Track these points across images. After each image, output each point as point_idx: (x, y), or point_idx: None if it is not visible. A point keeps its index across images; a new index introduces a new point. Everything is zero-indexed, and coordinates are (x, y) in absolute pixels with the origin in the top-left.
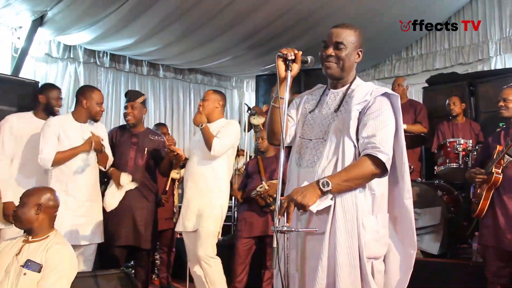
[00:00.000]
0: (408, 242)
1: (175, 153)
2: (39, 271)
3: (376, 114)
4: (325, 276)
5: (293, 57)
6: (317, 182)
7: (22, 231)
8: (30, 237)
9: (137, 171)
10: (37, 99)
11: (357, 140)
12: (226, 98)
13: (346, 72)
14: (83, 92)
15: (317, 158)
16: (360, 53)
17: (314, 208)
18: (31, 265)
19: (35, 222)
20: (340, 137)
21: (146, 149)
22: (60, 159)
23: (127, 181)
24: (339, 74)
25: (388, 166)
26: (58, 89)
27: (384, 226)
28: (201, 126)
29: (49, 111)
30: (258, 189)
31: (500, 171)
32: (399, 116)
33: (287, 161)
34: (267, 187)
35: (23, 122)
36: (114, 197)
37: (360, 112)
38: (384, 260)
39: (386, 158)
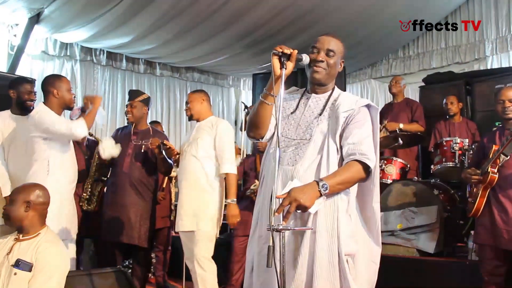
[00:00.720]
0: (374, 240)
1: (167, 146)
2: (30, 270)
3: (361, 123)
4: (304, 272)
5: (288, 55)
6: (317, 184)
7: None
8: (21, 236)
9: (134, 167)
10: (9, 95)
11: (341, 145)
12: (208, 94)
13: (331, 79)
14: (51, 83)
15: (299, 157)
16: (342, 63)
17: (313, 209)
18: (22, 265)
19: (24, 219)
20: (325, 140)
21: (143, 145)
22: (89, 125)
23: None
24: (325, 80)
25: (373, 172)
26: (30, 82)
27: (356, 224)
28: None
29: (21, 106)
30: (252, 187)
31: (496, 170)
32: (376, 129)
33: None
34: None
35: (2, 119)
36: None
37: (345, 118)
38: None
39: (373, 164)
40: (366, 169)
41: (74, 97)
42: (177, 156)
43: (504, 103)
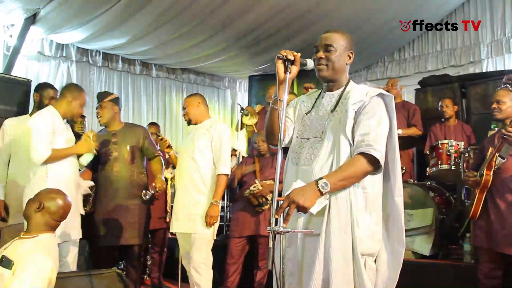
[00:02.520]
0: (397, 240)
1: (160, 137)
2: (9, 268)
3: (371, 113)
4: (321, 271)
5: (292, 59)
6: (316, 183)
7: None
8: (22, 233)
9: (125, 169)
10: (33, 98)
11: (353, 139)
12: (203, 97)
13: (338, 73)
14: (71, 90)
15: (314, 156)
16: (350, 54)
17: (314, 209)
18: (4, 261)
19: (32, 218)
20: (337, 136)
21: (128, 145)
22: (55, 157)
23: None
24: (331, 75)
25: (382, 163)
26: (54, 89)
27: (378, 224)
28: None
29: (40, 109)
30: (251, 188)
31: (491, 172)
32: (393, 116)
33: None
34: (260, 187)
35: (17, 125)
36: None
37: (356, 111)
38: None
39: (379, 155)
40: (374, 161)
41: (84, 116)
42: (170, 149)
43: (492, 104)
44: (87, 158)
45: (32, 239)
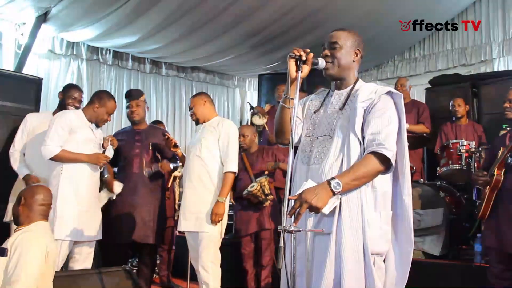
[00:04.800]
0: (405, 239)
1: (166, 136)
2: (5, 255)
3: (380, 112)
4: (332, 270)
5: (304, 59)
6: (328, 183)
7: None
8: (15, 228)
9: (144, 166)
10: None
11: (363, 137)
12: (208, 95)
13: (344, 71)
14: (100, 97)
15: (324, 155)
16: (357, 52)
17: (326, 210)
18: (0, 251)
19: (18, 214)
20: (346, 134)
21: (150, 144)
22: (62, 157)
23: (119, 190)
24: (337, 73)
25: (393, 162)
26: (79, 90)
27: (387, 223)
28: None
29: (62, 108)
30: (249, 188)
31: (502, 172)
32: (402, 115)
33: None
34: (259, 188)
35: (37, 120)
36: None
37: (365, 110)
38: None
39: (391, 154)
40: (385, 160)
41: (108, 121)
42: (177, 148)
43: (504, 103)
44: (118, 189)
45: (23, 228)
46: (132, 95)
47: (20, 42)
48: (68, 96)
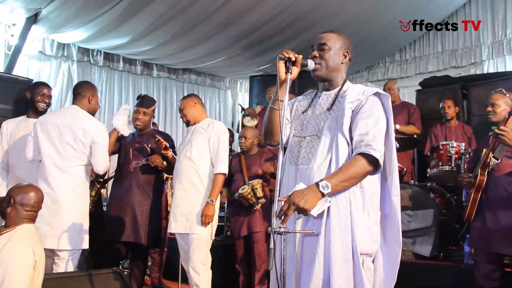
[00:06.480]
0: (393, 240)
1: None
2: None
3: (368, 113)
4: (321, 271)
5: (294, 60)
6: (317, 185)
7: None
8: (2, 230)
9: (142, 168)
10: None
11: (351, 138)
12: (199, 97)
13: (332, 72)
14: (88, 89)
15: (312, 155)
16: (346, 54)
17: (315, 212)
18: None
19: (6, 215)
20: (334, 135)
21: (149, 146)
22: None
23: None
24: (325, 74)
25: (382, 163)
26: (47, 86)
27: (376, 224)
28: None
29: (33, 108)
30: (240, 191)
31: (485, 173)
32: (389, 115)
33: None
34: (249, 191)
35: (13, 125)
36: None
37: (353, 110)
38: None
39: (379, 155)
40: (374, 160)
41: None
42: (168, 151)
43: (487, 107)
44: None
45: (8, 232)
46: (143, 103)
47: (10, 43)
48: (36, 93)
